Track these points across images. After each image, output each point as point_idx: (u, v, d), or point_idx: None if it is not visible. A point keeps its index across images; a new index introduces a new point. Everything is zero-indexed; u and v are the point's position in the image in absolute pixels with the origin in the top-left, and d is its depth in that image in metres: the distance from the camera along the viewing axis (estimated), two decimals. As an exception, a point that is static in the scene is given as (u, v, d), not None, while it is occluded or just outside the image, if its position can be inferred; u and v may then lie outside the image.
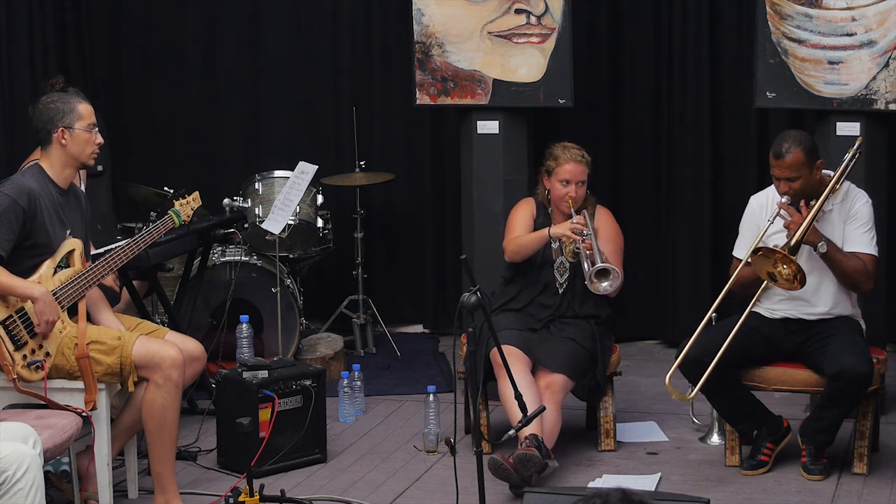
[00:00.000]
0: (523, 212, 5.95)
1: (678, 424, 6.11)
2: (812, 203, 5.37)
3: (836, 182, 5.43)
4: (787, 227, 5.35)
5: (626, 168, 7.58)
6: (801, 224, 5.29)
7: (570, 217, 5.75)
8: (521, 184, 6.56)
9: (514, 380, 4.91)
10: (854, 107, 6.16)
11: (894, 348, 6.96)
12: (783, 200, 5.37)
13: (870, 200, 5.52)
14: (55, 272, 5.00)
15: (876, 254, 5.46)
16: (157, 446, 5.07)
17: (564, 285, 5.82)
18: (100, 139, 5.11)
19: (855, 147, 5.58)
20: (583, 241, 5.67)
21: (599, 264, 5.59)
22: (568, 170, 5.79)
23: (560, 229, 5.73)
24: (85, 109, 5.07)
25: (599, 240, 5.78)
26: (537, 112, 6.96)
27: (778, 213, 5.38)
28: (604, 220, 5.90)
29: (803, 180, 5.36)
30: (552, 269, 5.84)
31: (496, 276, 6.08)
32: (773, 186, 5.49)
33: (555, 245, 5.83)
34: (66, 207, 5.09)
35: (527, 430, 5.20)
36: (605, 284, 5.62)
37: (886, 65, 6.10)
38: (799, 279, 5.26)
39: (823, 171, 5.44)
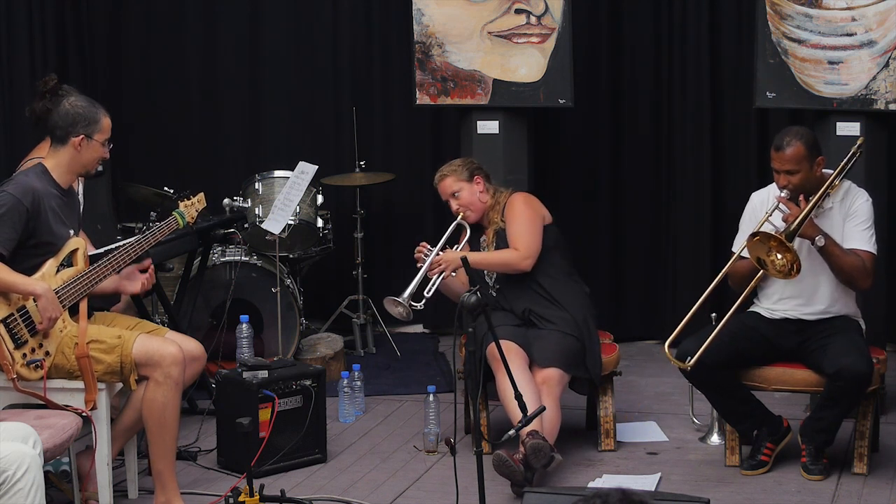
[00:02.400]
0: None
1: (678, 424, 6.11)
2: (811, 197, 5.37)
3: (836, 177, 5.43)
4: (785, 220, 5.34)
5: (626, 168, 7.57)
6: (799, 215, 5.29)
7: (490, 226, 5.85)
8: (520, 184, 6.55)
9: (514, 378, 4.91)
10: (854, 107, 6.16)
11: (894, 348, 6.95)
12: (782, 194, 5.37)
13: (870, 199, 5.51)
14: (58, 271, 5.00)
15: (875, 251, 5.46)
16: (157, 444, 5.07)
17: (498, 286, 5.88)
18: (107, 155, 5.15)
19: (856, 146, 5.58)
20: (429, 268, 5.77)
21: (400, 297, 5.73)
22: (440, 191, 5.94)
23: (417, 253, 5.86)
24: (107, 124, 5.11)
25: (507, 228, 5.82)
26: (537, 112, 6.96)
27: (777, 207, 5.37)
28: (509, 208, 5.89)
29: (803, 175, 5.35)
30: (483, 275, 5.91)
31: (496, 276, 6.09)
32: (774, 184, 5.49)
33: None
34: (66, 208, 5.10)
35: (527, 428, 5.20)
36: (398, 310, 5.76)
37: (886, 65, 6.10)
38: (795, 269, 5.25)
39: (824, 169, 5.44)
